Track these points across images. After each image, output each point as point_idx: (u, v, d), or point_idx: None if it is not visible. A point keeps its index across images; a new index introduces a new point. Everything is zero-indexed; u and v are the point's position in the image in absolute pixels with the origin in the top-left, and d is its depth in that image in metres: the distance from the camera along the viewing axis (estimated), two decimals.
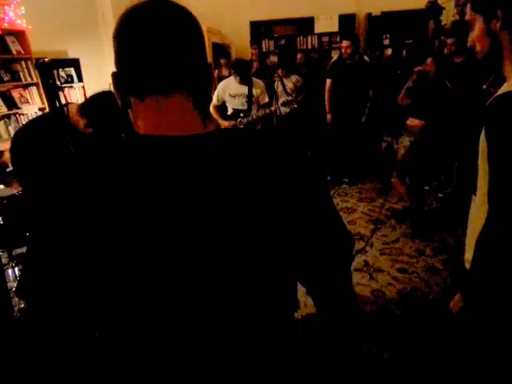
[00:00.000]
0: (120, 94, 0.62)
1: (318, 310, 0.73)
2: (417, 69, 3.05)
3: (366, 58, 4.70)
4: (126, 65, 0.59)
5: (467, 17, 0.99)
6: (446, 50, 3.50)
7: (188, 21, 0.60)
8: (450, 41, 3.34)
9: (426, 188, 3.63)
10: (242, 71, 3.68)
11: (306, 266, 0.66)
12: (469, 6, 0.98)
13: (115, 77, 0.61)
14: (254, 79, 3.85)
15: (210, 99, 0.66)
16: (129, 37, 0.58)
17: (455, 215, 2.95)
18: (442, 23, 4.68)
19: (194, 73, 0.61)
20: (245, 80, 3.69)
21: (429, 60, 3.23)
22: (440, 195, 3.68)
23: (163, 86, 0.59)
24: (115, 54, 0.60)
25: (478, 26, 0.97)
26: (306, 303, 2.17)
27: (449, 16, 4.73)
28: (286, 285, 0.66)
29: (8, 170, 2.48)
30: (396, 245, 3.10)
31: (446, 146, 3.08)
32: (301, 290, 0.71)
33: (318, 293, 0.71)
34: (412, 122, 3.21)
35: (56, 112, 1.68)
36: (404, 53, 5.85)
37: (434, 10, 4.63)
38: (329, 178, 4.51)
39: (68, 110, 1.65)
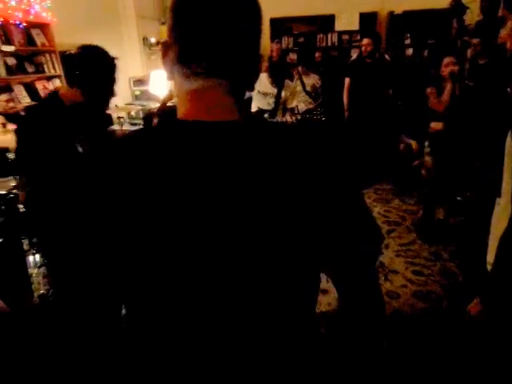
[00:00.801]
0: (167, 65, 0.62)
1: (343, 302, 0.73)
2: (447, 72, 2.87)
3: (387, 56, 4.65)
4: (178, 39, 0.59)
5: (500, 13, 0.97)
6: (469, 51, 3.42)
7: (250, 6, 0.59)
8: (475, 41, 3.27)
9: None
10: (278, 77, 3.65)
11: (334, 258, 0.66)
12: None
13: (164, 47, 0.61)
14: (287, 81, 3.80)
15: (251, 88, 0.65)
16: (185, 12, 0.58)
17: (475, 218, 2.89)
18: (466, 23, 4.59)
19: (243, 60, 0.60)
20: (277, 84, 3.66)
21: (448, 60, 2.89)
22: (458, 198, 3.62)
23: (209, 67, 0.58)
24: (168, 26, 0.60)
25: (510, 23, 0.95)
26: (320, 301, 2.17)
27: (473, 16, 4.63)
28: (312, 278, 0.66)
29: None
30: (412, 247, 3.07)
31: (468, 149, 3.01)
32: None
33: (345, 285, 0.71)
34: (436, 125, 3.15)
35: (48, 100, 1.68)
36: (426, 53, 5.76)
37: (458, 9, 4.55)
38: None
39: (58, 94, 1.63)
